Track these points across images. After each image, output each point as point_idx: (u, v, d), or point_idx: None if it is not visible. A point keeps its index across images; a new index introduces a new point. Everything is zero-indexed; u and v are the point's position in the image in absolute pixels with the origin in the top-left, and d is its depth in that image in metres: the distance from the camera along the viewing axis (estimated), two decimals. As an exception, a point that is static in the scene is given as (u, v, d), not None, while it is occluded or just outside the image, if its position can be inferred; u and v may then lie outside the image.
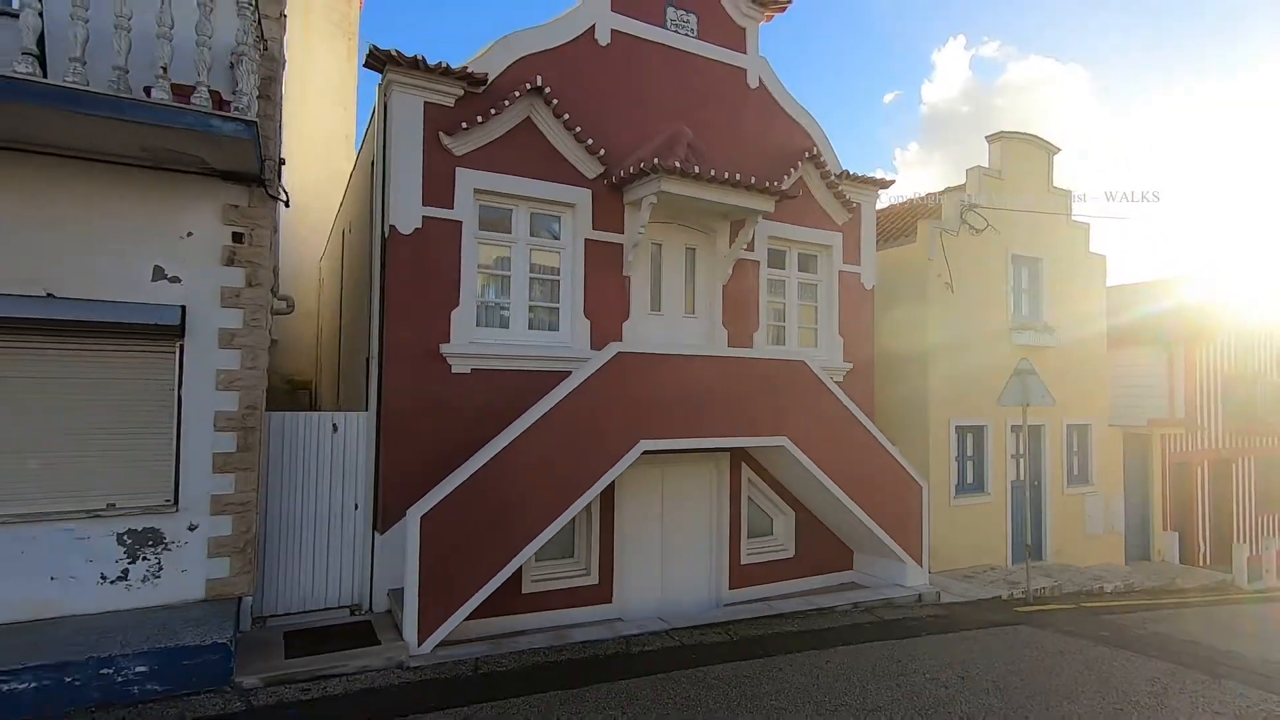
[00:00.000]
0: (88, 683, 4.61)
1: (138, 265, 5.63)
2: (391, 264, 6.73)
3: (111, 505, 5.55)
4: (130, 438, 5.65)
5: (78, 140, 5.20)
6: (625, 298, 7.93)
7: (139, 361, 5.68)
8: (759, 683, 5.52)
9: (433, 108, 6.86)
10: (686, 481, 8.26)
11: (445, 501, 5.96)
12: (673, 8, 8.31)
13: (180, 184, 5.76)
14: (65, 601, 5.33)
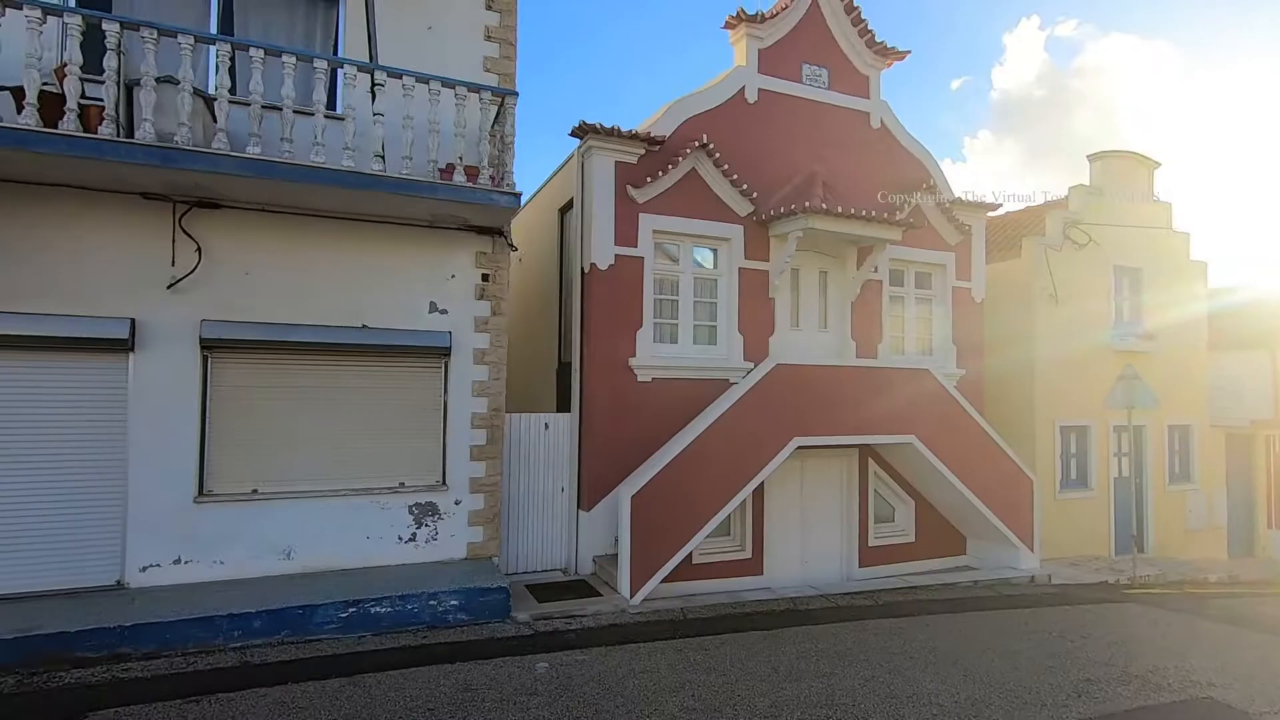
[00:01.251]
0: (421, 610, 6.34)
1: (419, 301, 7.39)
2: (591, 294, 8.34)
3: (403, 484, 7.33)
4: (413, 433, 7.42)
5: (392, 211, 6.97)
6: (771, 316, 9.32)
7: (419, 375, 7.45)
8: (911, 633, 6.81)
9: (621, 165, 8.43)
10: (822, 473, 9.58)
11: (649, 485, 7.51)
12: (808, 65, 9.64)
13: (446, 238, 7.50)
14: (376, 555, 7.12)
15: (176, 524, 6.42)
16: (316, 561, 6.88)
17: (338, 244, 7.04)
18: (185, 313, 6.48)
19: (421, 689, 4.91)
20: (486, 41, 7.74)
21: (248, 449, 6.74)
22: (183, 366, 6.49)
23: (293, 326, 6.83)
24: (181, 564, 6.43)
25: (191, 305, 6.50)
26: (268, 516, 6.75)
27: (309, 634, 5.91)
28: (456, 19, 7.61)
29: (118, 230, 6.28)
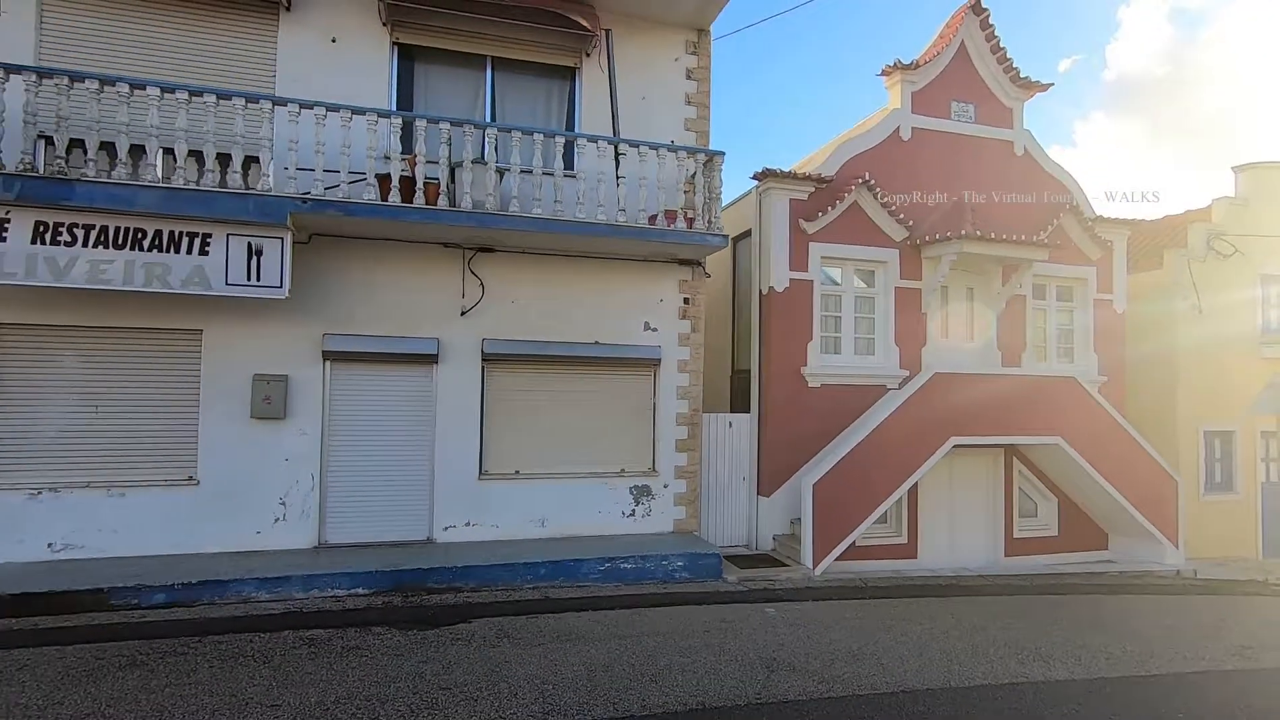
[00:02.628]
0: (655, 568, 8.00)
1: (636, 321, 9.09)
2: (769, 313, 9.80)
3: (623, 470, 9.05)
4: (631, 428, 9.13)
5: (620, 250, 8.70)
6: (923, 329, 10.47)
7: (635, 381, 9.15)
8: (1071, 605, 7.84)
9: (795, 202, 9.85)
10: (970, 469, 10.61)
11: (828, 474, 8.88)
12: (956, 102, 10.72)
13: (657, 270, 9.16)
14: (605, 526, 8.86)
15: (466, 496, 8.39)
16: (562, 529, 8.69)
17: (576, 277, 8.84)
18: (472, 334, 8.44)
19: (689, 620, 6.51)
20: (687, 105, 9.38)
21: (512, 439, 8.65)
22: (469, 374, 8.46)
23: (546, 343, 8.69)
24: (470, 526, 8.39)
25: (476, 328, 8.46)
26: (527, 492, 8.63)
27: (578, 580, 7.68)
28: (663, 89, 9.29)
29: (425, 272, 8.31)
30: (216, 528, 7.58)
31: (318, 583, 6.95)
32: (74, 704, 4.35)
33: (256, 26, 7.95)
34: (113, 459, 7.41)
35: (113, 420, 7.44)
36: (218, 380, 7.67)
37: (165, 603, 6.48)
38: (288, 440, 7.84)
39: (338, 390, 8.07)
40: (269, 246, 7.08)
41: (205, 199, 6.80)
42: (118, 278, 6.70)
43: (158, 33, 7.71)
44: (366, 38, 8.26)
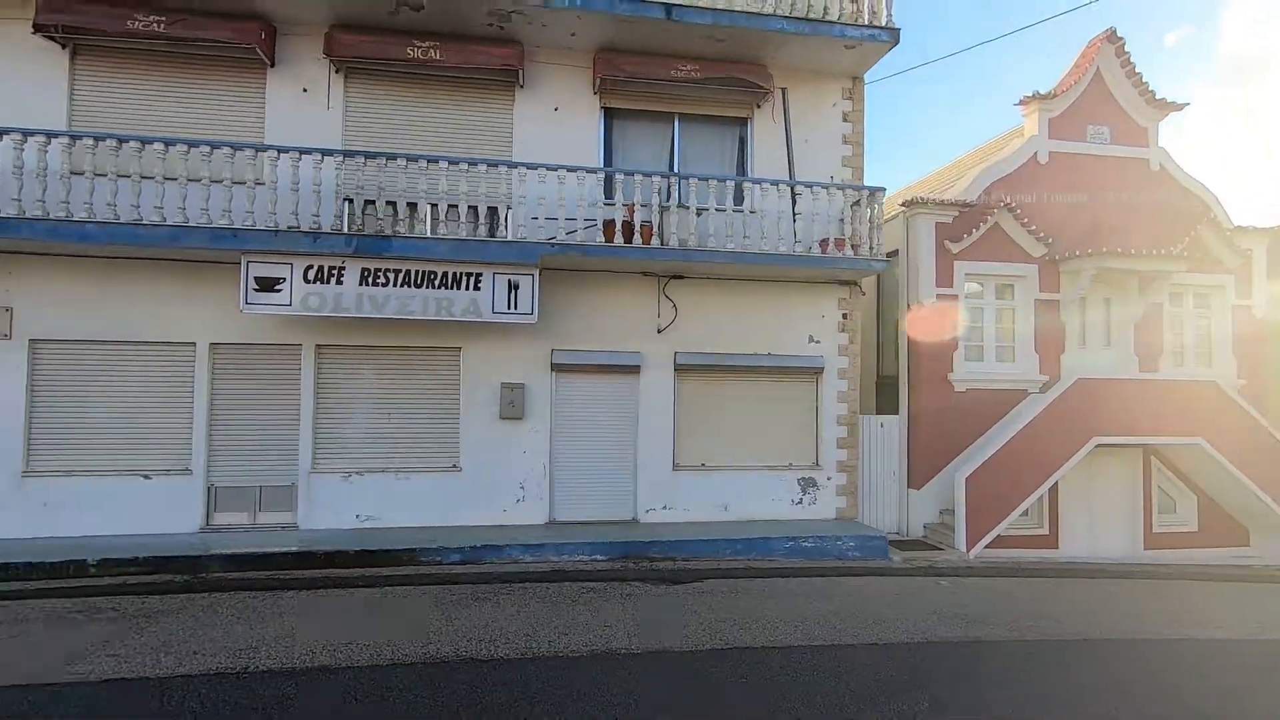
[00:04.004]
0: (831, 547, 9.36)
1: (801, 335, 10.47)
2: (917, 325, 10.96)
3: (791, 464, 10.46)
4: (797, 427, 10.51)
5: (789, 275, 10.10)
6: (1061, 337, 11.33)
7: (801, 387, 10.53)
8: (1219, 587, 8.65)
9: (940, 225, 10.96)
10: (1108, 467, 11.37)
11: (978, 469, 9.99)
12: (1092, 125, 11.51)
13: (818, 289, 10.51)
14: (778, 512, 10.28)
15: (662, 484, 10.01)
16: (741, 513, 10.17)
17: (751, 298, 10.30)
18: (666, 348, 10.06)
19: (877, 586, 7.85)
20: (844, 145, 10.68)
21: (699, 436, 10.21)
22: (664, 382, 10.07)
23: (726, 354, 10.20)
24: (666, 509, 10.01)
25: (670, 343, 10.06)
26: (712, 482, 10.17)
27: (768, 555, 9.15)
28: (823, 131, 10.63)
29: (628, 296, 9.98)
30: (474, 505, 9.50)
31: (565, 549, 8.73)
32: (465, 620, 6.18)
33: (498, 103, 9.85)
34: (400, 450, 9.46)
35: (399, 420, 9.49)
36: (473, 388, 9.60)
37: (459, 560, 8.40)
38: (525, 436, 9.69)
39: (561, 395, 9.86)
40: (524, 282, 8.92)
41: (481, 247, 8.69)
42: (418, 309, 8.69)
43: (423, 113, 9.71)
44: (581, 105, 10.02)
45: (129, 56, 8.96)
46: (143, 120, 8.97)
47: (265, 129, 9.23)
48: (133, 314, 8.80)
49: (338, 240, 8.38)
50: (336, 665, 5.13)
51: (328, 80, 9.35)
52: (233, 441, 9.11)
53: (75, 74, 8.88)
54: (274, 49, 9.16)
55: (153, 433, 8.92)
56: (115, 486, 8.74)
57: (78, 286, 8.68)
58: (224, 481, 9.07)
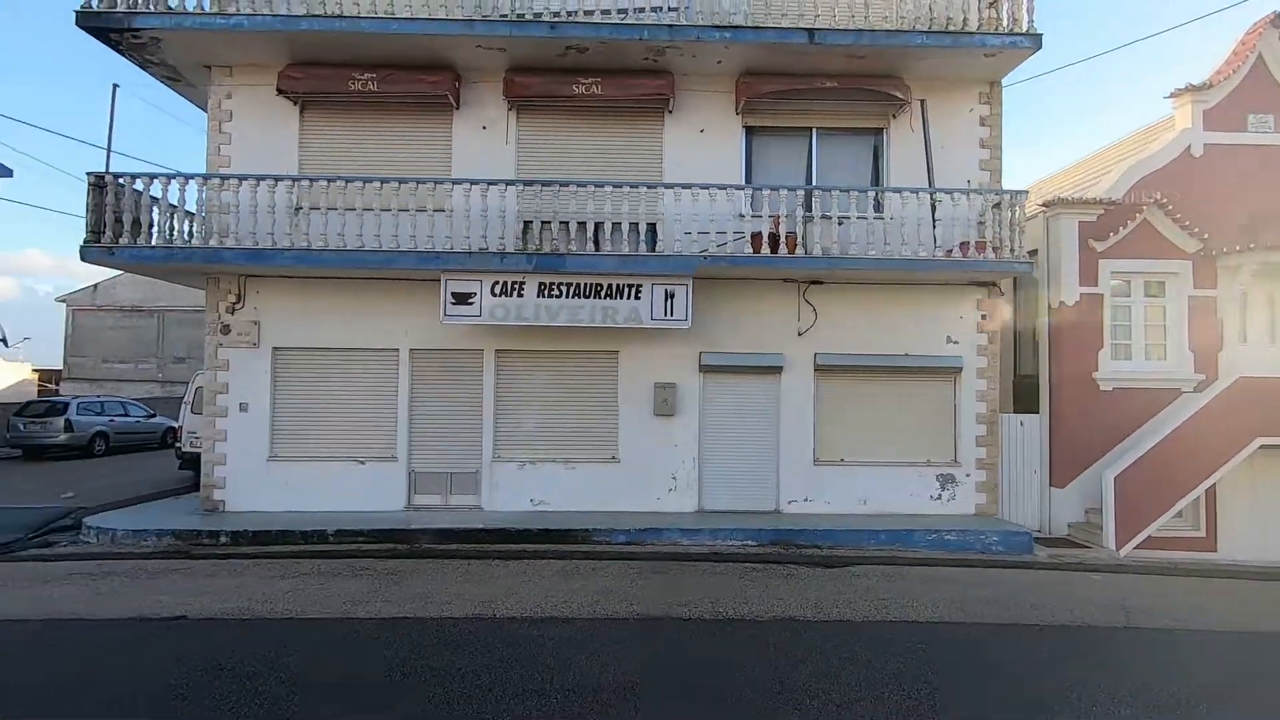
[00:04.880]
0: (974, 541, 9.67)
1: (939, 336, 10.79)
2: (1059, 324, 10.99)
3: (929, 460, 10.81)
4: (933, 425, 10.85)
5: (926, 278, 10.46)
6: (1218, 334, 10.99)
7: (938, 386, 10.86)
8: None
9: (1083, 224, 10.94)
10: (1273, 468, 10.92)
11: (1129, 468, 9.97)
12: (1253, 114, 11.08)
13: (956, 291, 10.78)
14: (915, 507, 10.65)
15: (804, 477, 10.65)
16: (880, 507, 10.64)
17: (888, 301, 10.74)
18: (806, 350, 10.69)
19: (1029, 579, 8.17)
20: (981, 149, 10.89)
21: (838, 432, 10.77)
22: (804, 381, 10.71)
23: (864, 355, 10.70)
24: (808, 501, 10.64)
25: (810, 345, 10.69)
26: (850, 476, 10.70)
27: (911, 546, 9.60)
28: (961, 137, 10.88)
29: (770, 301, 10.68)
30: (631, 493, 10.53)
31: (719, 534, 9.57)
32: (654, 588, 7.14)
33: (649, 128, 10.82)
34: (566, 442, 10.64)
35: (565, 415, 10.67)
36: (629, 387, 10.63)
37: (624, 541, 9.43)
38: (676, 431, 10.62)
39: (709, 394, 10.72)
40: (678, 291, 9.85)
41: (642, 261, 9.70)
42: (586, 318, 9.81)
43: (583, 141, 10.82)
44: (724, 125, 10.82)
45: (346, 109, 10.62)
46: (356, 161, 10.58)
47: (453, 163, 10.65)
48: (351, 325, 10.45)
49: (520, 259, 9.63)
50: (563, 616, 6.21)
51: (505, 118, 10.65)
52: (428, 433, 10.60)
53: (304, 126, 10.65)
54: (460, 94, 10.57)
55: (366, 425, 10.54)
56: (338, 470, 10.41)
57: (309, 303, 10.41)
58: (422, 467, 10.57)
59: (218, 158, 10.41)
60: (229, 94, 10.48)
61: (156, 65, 10.46)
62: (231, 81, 10.48)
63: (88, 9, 9.37)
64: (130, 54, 10.11)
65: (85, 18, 9.38)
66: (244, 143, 10.43)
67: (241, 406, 10.37)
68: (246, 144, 10.43)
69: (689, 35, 9.69)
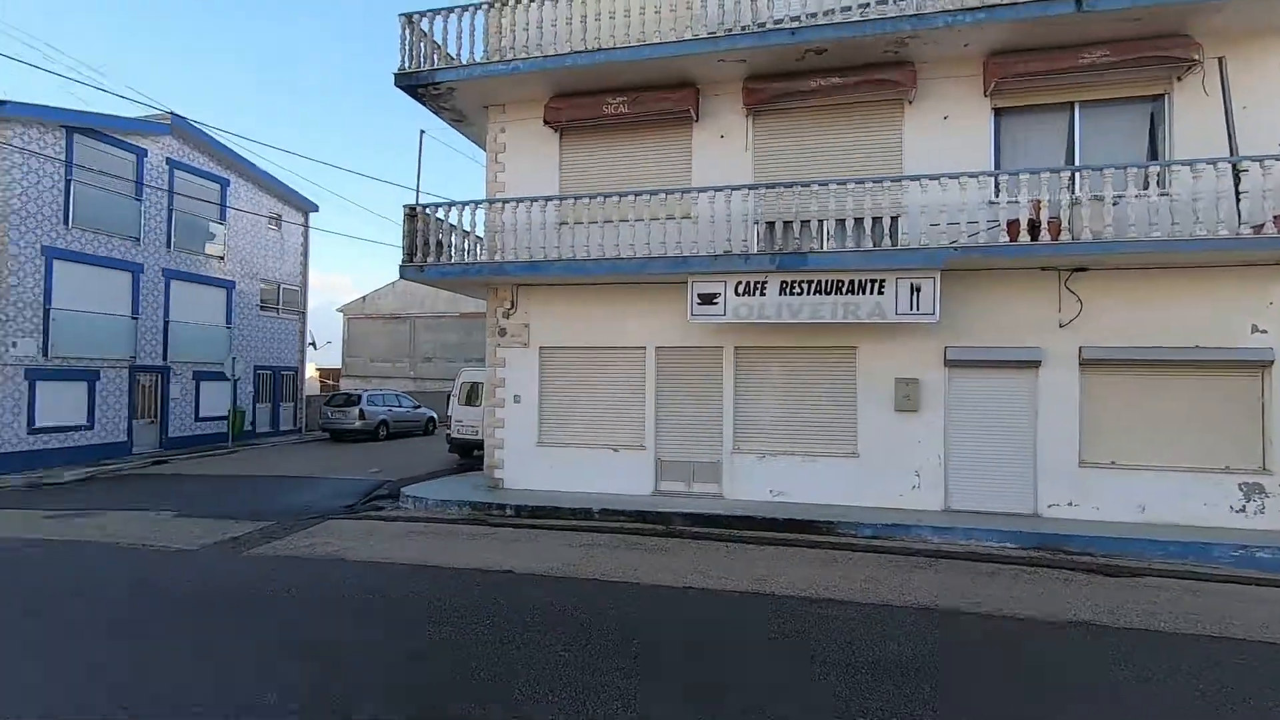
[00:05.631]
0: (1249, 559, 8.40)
1: (1240, 325, 9.43)
2: None
3: (1228, 467, 9.49)
4: (1233, 427, 9.50)
5: (1218, 260, 9.20)
6: None
7: (1239, 383, 9.49)
8: None
9: None
10: None
11: None
12: None
13: (1262, 273, 9.35)
14: (1209, 518, 9.40)
15: (1066, 479, 9.89)
16: (1162, 516, 9.55)
17: (1171, 287, 9.60)
18: (1069, 343, 9.91)
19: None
20: (1296, 107, 9.34)
21: (1110, 432, 9.85)
22: (1067, 377, 9.93)
23: (1142, 348, 9.68)
24: (1071, 506, 9.87)
25: (1073, 337, 9.89)
26: (1124, 480, 9.73)
27: (1209, 561, 8.54)
28: (1270, 96, 9.42)
29: (1024, 292, 10.05)
30: (871, 489, 10.52)
31: (974, 534, 9.25)
32: (926, 582, 7.17)
33: (887, 120, 10.72)
34: (804, 436, 10.91)
35: (803, 410, 10.94)
36: (869, 382, 10.62)
37: (870, 535, 9.47)
38: (919, 427, 10.41)
39: (954, 390, 10.37)
40: (925, 284, 9.67)
41: (886, 255, 9.67)
42: (828, 314, 10.00)
43: (818, 139, 11.00)
44: (970, 109, 10.39)
45: (597, 131, 11.80)
46: (606, 178, 11.73)
47: (692, 172, 11.38)
48: (605, 326, 11.61)
49: (763, 259, 10.06)
50: (837, 598, 6.52)
51: (742, 125, 11.17)
52: (672, 425, 11.45)
53: (563, 150, 12.01)
54: (699, 106, 11.27)
55: (618, 416, 11.66)
56: (594, 456, 11.63)
57: (569, 308, 11.74)
58: (667, 456, 11.45)
59: (494, 184, 12.12)
60: (503, 128, 12.15)
61: (448, 110, 12.43)
62: (505, 118, 12.13)
63: (403, 70, 11.43)
64: (429, 103, 12.13)
65: (401, 78, 11.45)
66: (515, 170, 12.04)
67: (515, 398, 11.99)
68: (517, 171, 12.02)
69: (935, 23, 9.47)
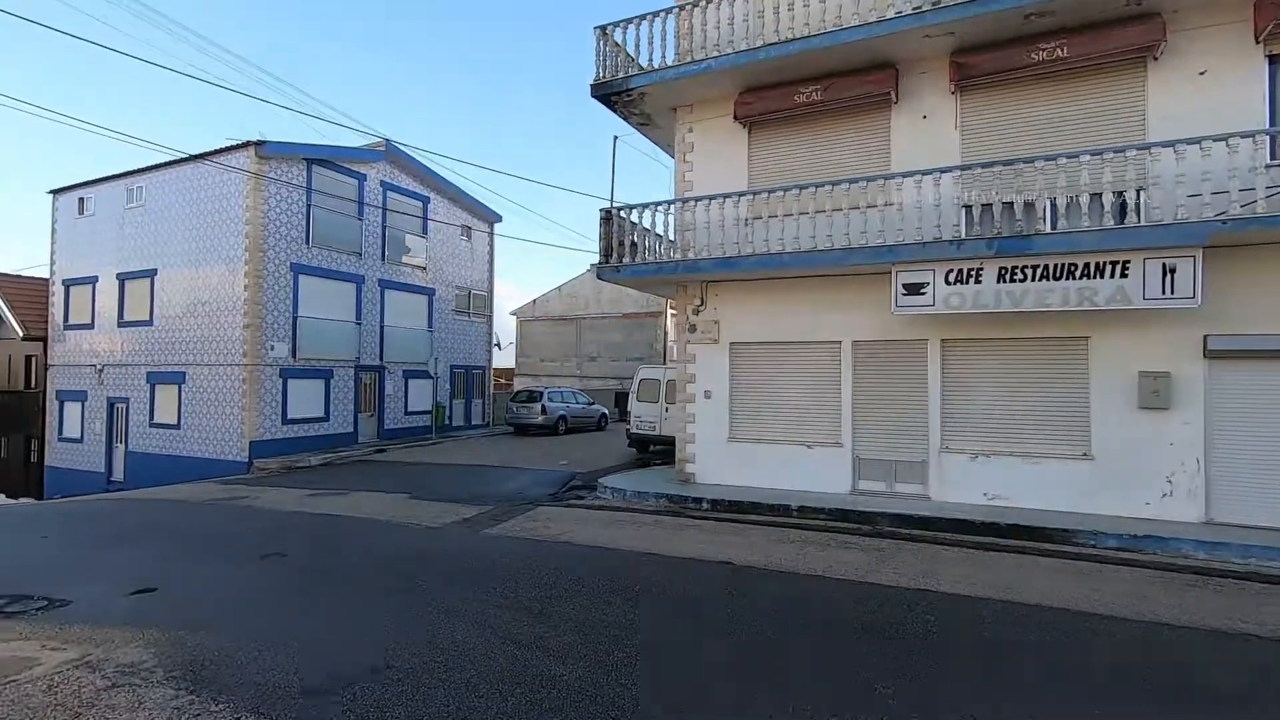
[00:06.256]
0: None
1: None
2: None
3: None
4: None
5: None
6: None
7: None
8: None
9: None
10: None
11: None
12: None
13: None
14: None
15: (1377, 492, 8.23)
16: None
17: None
18: (1380, 327, 8.25)
19: None
20: None
21: None
22: (1377, 369, 8.27)
23: None
24: (1386, 524, 8.20)
25: (1386, 321, 8.22)
26: None
27: None
28: None
29: (1314, 269, 8.51)
30: (1109, 496, 9.40)
31: (1253, 553, 7.92)
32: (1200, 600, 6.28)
33: (1125, 83, 9.54)
34: (1024, 435, 10.00)
35: (1023, 407, 10.03)
36: (1104, 377, 9.51)
37: (1116, 547, 8.46)
38: (1171, 428, 9.15)
39: (1216, 385, 9.00)
40: (1181, 265, 8.47)
41: (1132, 233, 8.60)
42: (1057, 301, 9.07)
43: (1039, 111, 10.03)
44: (1235, 61, 8.97)
45: (787, 123, 11.61)
46: (796, 169, 11.50)
47: (891, 157, 10.85)
48: (796, 321, 11.40)
49: (978, 245, 9.35)
50: (1103, 614, 5.88)
51: (948, 104, 10.47)
52: (871, 421, 10.99)
53: (752, 145, 11.96)
54: (899, 88, 10.72)
55: (812, 412, 11.40)
56: (787, 452, 11.45)
57: (759, 303, 11.67)
58: (866, 454, 11.01)
59: (683, 183, 12.33)
60: (690, 128, 12.33)
61: (636, 115, 12.84)
62: (692, 117, 12.31)
63: (599, 80, 11.97)
64: (620, 109, 12.60)
65: (597, 88, 12.00)
66: (704, 168, 12.17)
67: (706, 394, 12.12)
68: (706, 169, 12.14)
69: (1196, -37, 8.28)
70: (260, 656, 4.78)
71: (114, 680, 4.41)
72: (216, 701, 4.10)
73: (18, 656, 4.84)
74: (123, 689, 4.28)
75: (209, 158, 18.12)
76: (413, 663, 4.70)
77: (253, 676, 4.46)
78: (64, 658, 4.80)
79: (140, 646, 4.97)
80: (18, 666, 4.66)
